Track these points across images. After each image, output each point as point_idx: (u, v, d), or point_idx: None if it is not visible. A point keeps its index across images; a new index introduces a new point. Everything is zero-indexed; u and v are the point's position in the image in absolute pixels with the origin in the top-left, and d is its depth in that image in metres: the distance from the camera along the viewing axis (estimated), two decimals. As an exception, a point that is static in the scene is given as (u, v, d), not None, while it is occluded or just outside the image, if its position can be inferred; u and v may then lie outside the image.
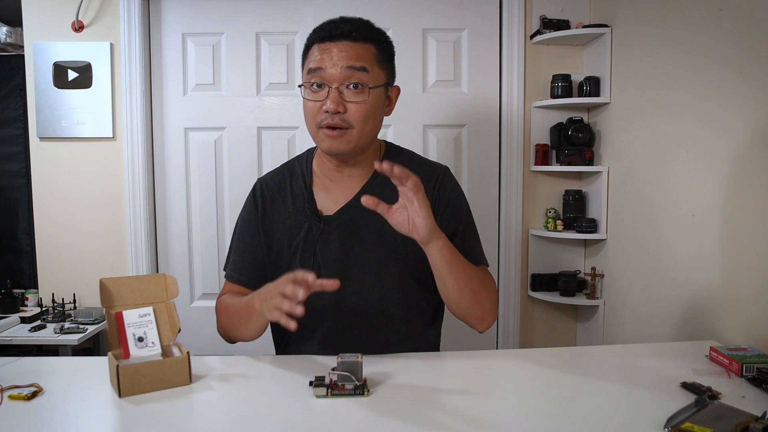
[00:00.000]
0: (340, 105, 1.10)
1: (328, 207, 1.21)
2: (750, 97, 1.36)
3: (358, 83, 1.11)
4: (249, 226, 1.25)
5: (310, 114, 1.14)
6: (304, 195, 1.22)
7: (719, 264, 1.47)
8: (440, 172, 1.25)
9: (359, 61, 1.11)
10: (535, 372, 1.09)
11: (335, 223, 1.19)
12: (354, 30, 1.12)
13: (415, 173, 1.21)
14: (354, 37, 1.12)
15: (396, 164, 0.97)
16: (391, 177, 0.99)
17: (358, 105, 1.11)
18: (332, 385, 0.94)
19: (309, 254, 1.18)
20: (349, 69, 1.10)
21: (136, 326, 1.02)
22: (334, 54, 1.10)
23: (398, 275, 1.19)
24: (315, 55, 1.13)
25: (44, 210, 2.35)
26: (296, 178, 1.25)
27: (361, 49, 1.12)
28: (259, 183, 1.28)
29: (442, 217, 1.19)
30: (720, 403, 0.90)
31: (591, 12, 2.32)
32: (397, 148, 1.30)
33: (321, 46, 1.12)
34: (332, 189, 1.22)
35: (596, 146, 2.27)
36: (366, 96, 1.11)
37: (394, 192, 1.19)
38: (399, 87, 1.23)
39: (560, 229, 2.30)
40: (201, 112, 2.38)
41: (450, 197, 1.22)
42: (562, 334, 2.45)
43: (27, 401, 0.93)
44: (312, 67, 1.12)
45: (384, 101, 1.18)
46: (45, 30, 2.29)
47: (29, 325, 2.17)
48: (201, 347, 2.24)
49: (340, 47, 1.11)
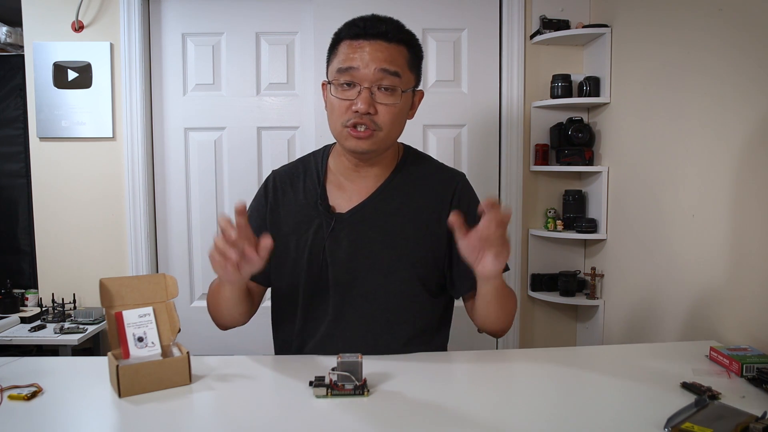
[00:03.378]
0: (371, 106, 1.08)
1: (340, 205, 1.19)
2: (750, 96, 1.36)
3: (390, 86, 1.09)
4: (256, 217, 1.23)
5: (338, 112, 1.11)
6: (317, 191, 1.21)
7: (719, 264, 1.47)
8: (459, 181, 1.23)
9: (393, 65, 1.09)
10: (535, 372, 1.09)
11: (347, 221, 1.17)
12: (389, 31, 1.09)
13: (432, 179, 1.22)
14: (389, 38, 1.09)
15: (492, 206, 0.94)
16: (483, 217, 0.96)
17: (389, 108, 1.09)
18: (332, 385, 0.94)
19: (318, 251, 1.17)
20: (383, 71, 1.08)
21: (136, 326, 1.02)
22: (367, 53, 1.08)
23: (406, 280, 1.17)
24: (346, 52, 1.10)
25: (44, 210, 2.35)
26: (310, 173, 1.24)
27: (395, 51, 1.10)
28: (273, 175, 1.27)
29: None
30: (720, 403, 0.90)
31: (591, 12, 2.32)
32: (415, 152, 1.28)
33: (353, 43, 1.09)
34: (347, 187, 1.20)
35: (596, 146, 2.27)
36: (397, 99, 1.10)
37: (409, 196, 1.19)
38: (423, 91, 1.21)
39: (560, 229, 2.30)
40: (201, 112, 2.38)
41: (469, 209, 1.18)
42: (562, 334, 2.45)
43: (27, 401, 0.92)
44: (343, 66, 1.09)
45: (410, 104, 1.17)
46: (45, 30, 2.29)
47: (29, 325, 2.17)
48: (201, 347, 2.24)
49: (374, 47, 1.08)
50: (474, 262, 1.01)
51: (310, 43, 2.32)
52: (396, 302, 1.17)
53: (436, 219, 1.18)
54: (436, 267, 1.19)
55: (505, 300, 1.12)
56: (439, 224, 1.17)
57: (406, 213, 1.18)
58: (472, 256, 1.01)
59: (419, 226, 1.17)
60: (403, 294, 1.17)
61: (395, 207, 1.18)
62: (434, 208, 1.19)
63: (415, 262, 1.17)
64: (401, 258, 1.16)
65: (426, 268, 1.17)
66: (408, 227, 1.17)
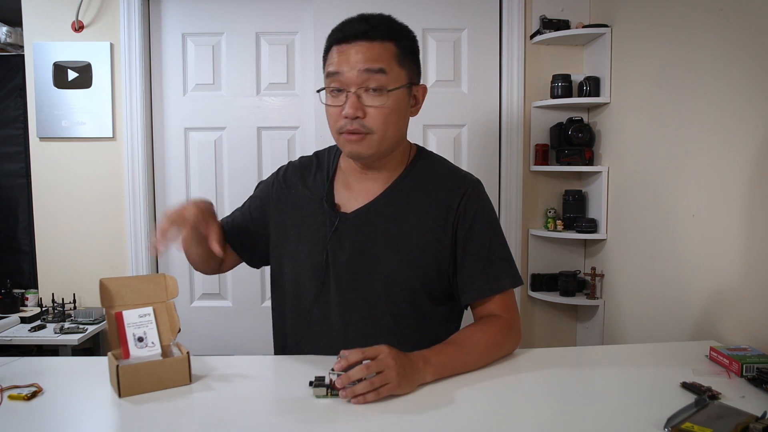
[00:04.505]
0: (359, 110, 1.06)
1: (346, 205, 1.18)
2: (750, 96, 1.36)
3: (378, 87, 1.07)
4: (258, 198, 1.28)
5: (332, 119, 1.11)
6: (324, 187, 1.20)
7: (719, 264, 1.47)
8: (468, 187, 1.17)
9: (376, 63, 1.06)
10: (534, 372, 1.09)
11: (351, 222, 1.16)
12: (371, 29, 1.07)
13: (442, 184, 1.19)
14: (371, 37, 1.06)
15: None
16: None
17: (378, 109, 1.07)
18: (332, 385, 0.94)
19: (320, 249, 1.16)
20: (366, 72, 1.05)
21: (136, 326, 1.02)
22: (351, 56, 1.06)
23: (408, 285, 1.14)
24: (333, 58, 1.09)
25: (44, 210, 2.35)
26: (321, 168, 1.24)
27: (378, 49, 1.06)
28: (287, 166, 1.29)
29: (466, 239, 1.14)
30: (720, 403, 0.90)
31: (591, 12, 2.32)
32: (427, 153, 1.25)
33: (338, 48, 1.08)
34: (354, 187, 1.19)
35: (596, 146, 2.27)
36: (386, 99, 1.07)
37: (416, 200, 1.17)
38: (425, 86, 1.18)
39: (560, 229, 2.30)
40: (201, 112, 2.38)
41: (475, 216, 1.15)
42: (562, 334, 2.45)
43: (27, 401, 0.92)
44: (330, 71, 1.09)
45: (408, 101, 1.13)
46: (45, 30, 2.29)
47: (29, 325, 2.17)
48: (201, 347, 2.25)
49: (356, 48, 1.06)
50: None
51: (310, 43, 2.32)
52: (397, 307, 1.15)
53: (441, 225, 1.15)
54: (440, 274, 1.16)
55: (468, 365, 1.07)
56: (444, 231, 1.15)
57: (411, 218, 1.15)
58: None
59: (424, 231, 1.15)
60: (405, 300, 1.15)
61: (400, 211, 1.16)
62: (440, 213, 1.15)
63: (417, 268, 1.14)
64: (403, 263, 1.14)
65: (429, 275, 1.15)
66: (412, 233, 1.15)
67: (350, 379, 0.91)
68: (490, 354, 1.10)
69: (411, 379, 0.96)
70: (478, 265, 1.14)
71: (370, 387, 0.90)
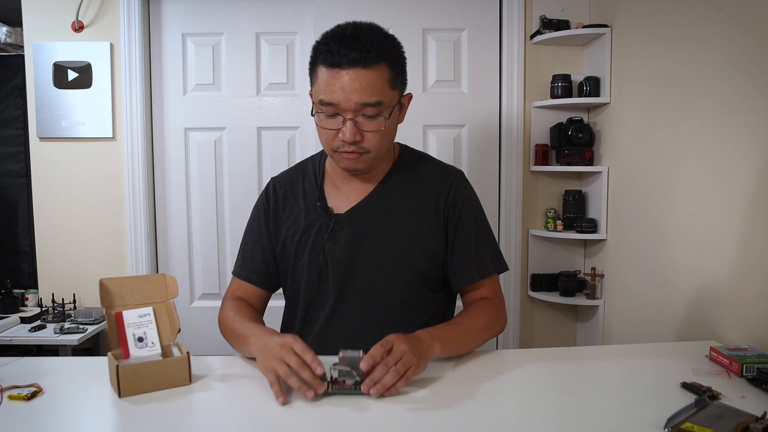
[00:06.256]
0: (356, 134, 1.07)
1: (338, 206, 1.21)
2: (750, 96, 1.36)
3: (374, 114, 1.07)
4: (258, 225, 1.26)
5: (326, 139, 1.12)
6: (315, 193, 1.22)
7: (719, 264, 1.47)
8: (455, 177, 1.24)
9: (373, 96, 1.05)
10: (535, 372, 1.09)
11: (346, 222, 1.19)
12: (364, 55, 1.03)
13: (428, 177, 1.23)
14: (367, 63, 1.03)
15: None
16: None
17: (375, 133, 1.09)
18: (333, 380, 0.94)
19: (318, 251, 1.19)
20: (363, 105, 1.05)
21: (136, 326, 1.02)
22: (347, 85, 1.03)
23: (406, 277, 1.19)
24: (325, 80, 1.06)
25: (44, 210, 2.35)
26: (308, 176, 1.26)
27: (373, 77, 1.04)
28: (272, 182, 1.29)
29: (456, 227, 1.20)
30: (720, 404, 0.90)
31: (591, 12, 2.32)
32: (412, 151, 1.29)
33: (331, 72, 1.05)
34: (344, 188, 1.22)
35: (596, 146, 2.27)
36: (382, 124, 1.09)
37: (406, 194, 1.21)
38: (411, 94, 1.19)
39: (560, 229, 2.30)
40: (201, 112, 2.38)
41: (464, 205, 1.21)
42: (562, 334, 2.45)
43: (27, 401, 0.93)
44: (324, 99, 1.06)
45: (398, 114, 1.16)
46: (45, 30, 2.29)
47: (29, 325, 2.17)
48: (201, 347, 2.25)
49: (352, 76, 1.03)
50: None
51: (310, 43, 2.27)
52: (396, 300, 1.18)
53: (433, 215, 1.20)
54: (435, 262, 1.21)
55: (464, 345, 1.14)
56: (437, 219, 1.20)
57: (403, 211, 1.19)
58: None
59: (417, 223, 1.19)
60: (403, 291, 1.19)
61: (393, 206, 1.20)
62: (431, 204, 1.20)
63: (414, 258, 1.18)
64: (400, 256, 1.18)
65: (425, 264, 1.19)
66: (406, 225, 1.19)
67: (374, 380, 0.93)
68: (485, 335, 1.17)
69: (425, 355, 1.01)
70: (469, 251, 1.20)
71: (397, 376, 0.93)
